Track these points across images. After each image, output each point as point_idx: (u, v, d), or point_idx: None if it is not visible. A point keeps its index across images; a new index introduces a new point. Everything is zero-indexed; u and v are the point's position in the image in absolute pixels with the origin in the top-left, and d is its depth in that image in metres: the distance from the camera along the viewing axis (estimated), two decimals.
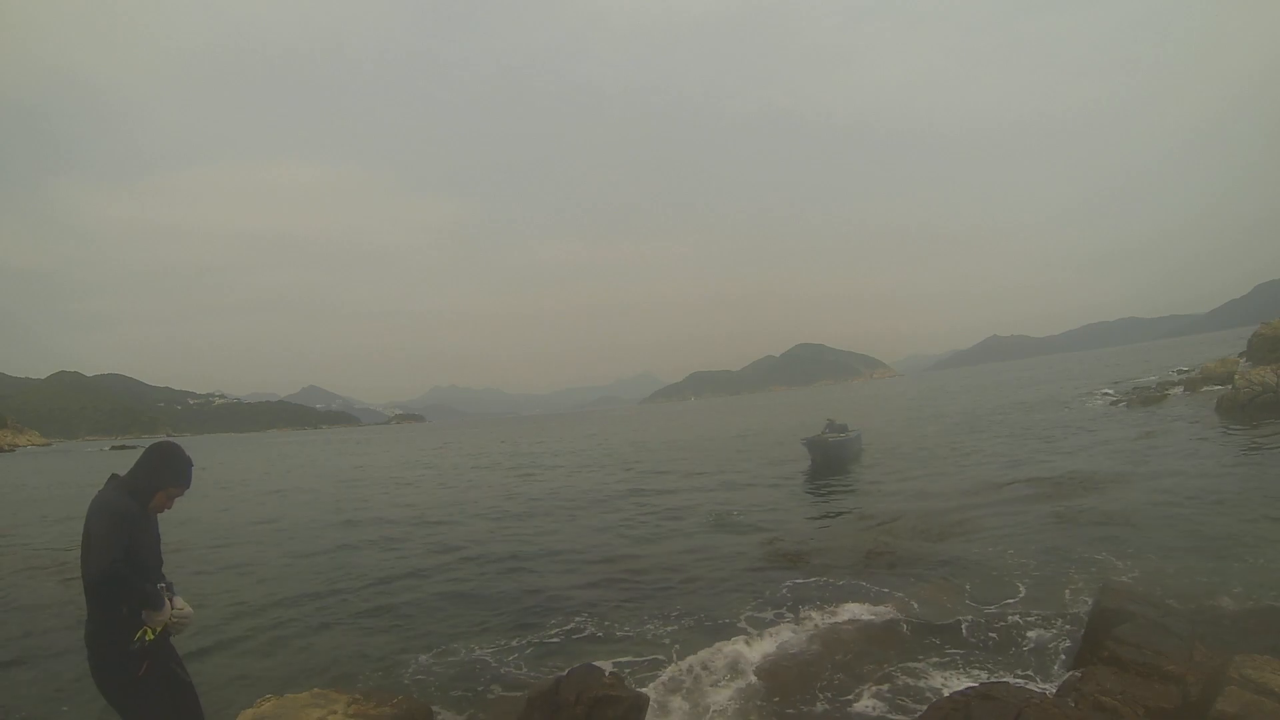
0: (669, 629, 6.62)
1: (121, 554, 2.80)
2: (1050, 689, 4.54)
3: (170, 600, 3.16)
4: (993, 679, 4.84)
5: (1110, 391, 32.31)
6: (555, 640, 6.50)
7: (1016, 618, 6.08)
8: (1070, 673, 4.67)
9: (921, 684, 5.16)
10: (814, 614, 6.66)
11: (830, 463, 17.82)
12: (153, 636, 2.92)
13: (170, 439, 3.36)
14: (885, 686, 5.16)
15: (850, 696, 5.04)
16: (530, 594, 8.13)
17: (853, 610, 6.55)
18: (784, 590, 7.52)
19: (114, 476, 3.11)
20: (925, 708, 4.08)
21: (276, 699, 4.50)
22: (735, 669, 5.56)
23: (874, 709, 4.89)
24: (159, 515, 3.22)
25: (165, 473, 3.08)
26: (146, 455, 3.11)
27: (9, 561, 11.74)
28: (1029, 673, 5.13)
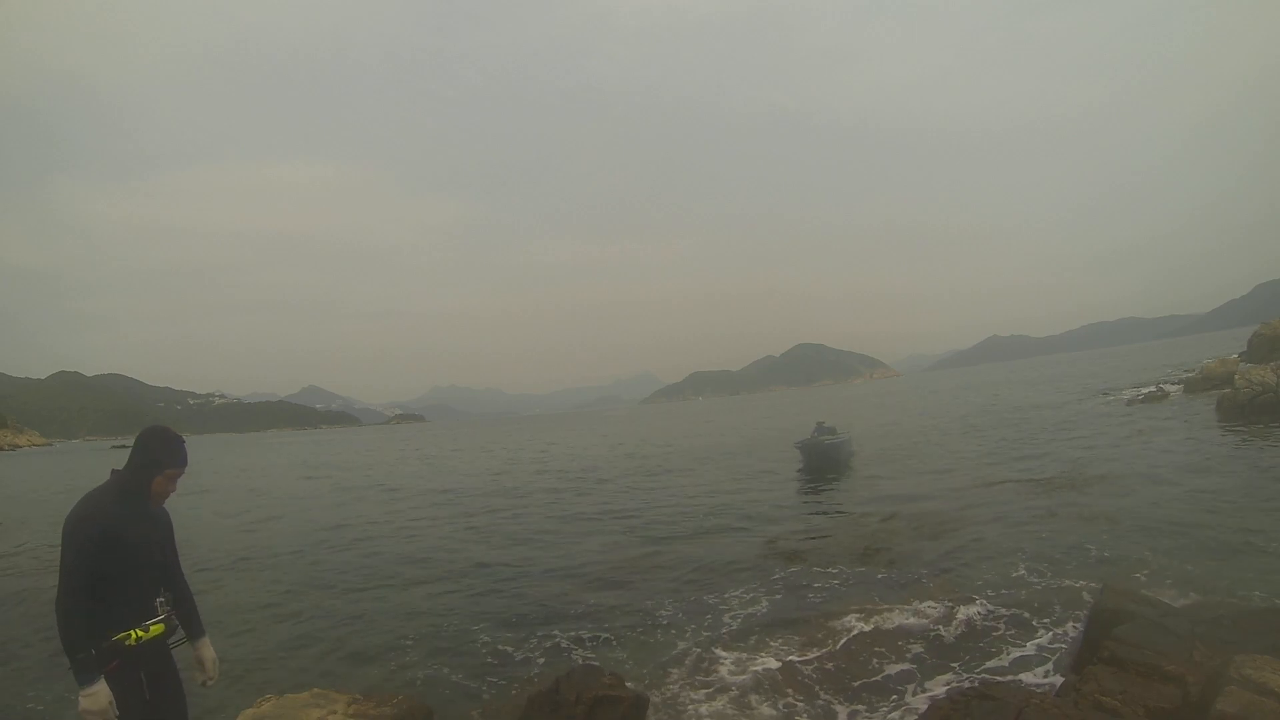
0: (668, 628, 6.63)
1: (82, 594, 2.64)
2: (1050, 689, 4.54)
3: (195, 646, 3.09)
4: (992, 678, 4.84)
5: (1109, 391, 32.30)
6: (555, 640, 6.50)
7: (1015, 616, 6.09)
8: (1070, 673, 4.67)
9: (921, 682, 5.17)
10: (812, 613, 6.68)
11: (823, 464, 17.98)
12: (134, 642, 2.75)
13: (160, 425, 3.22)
14: (885, 685, 5.17)
15: (850, 694, 5.05)
16: (529, 593, 8.13)
17: (851, 609, 6.56)
18: (782, 589, 7.54)
19: (114, 472, 2.97)
20: (925, 707, 4.08)
21: (276, 699, 4.51)
22: (735, 668, 5.57)
23: (874, 707, 4.90)
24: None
25: (158, 454, 2.91)
26: (137, 441, 2.96)
27: (6, 561, 11.76)
28: (1029, 672, 5.13)
